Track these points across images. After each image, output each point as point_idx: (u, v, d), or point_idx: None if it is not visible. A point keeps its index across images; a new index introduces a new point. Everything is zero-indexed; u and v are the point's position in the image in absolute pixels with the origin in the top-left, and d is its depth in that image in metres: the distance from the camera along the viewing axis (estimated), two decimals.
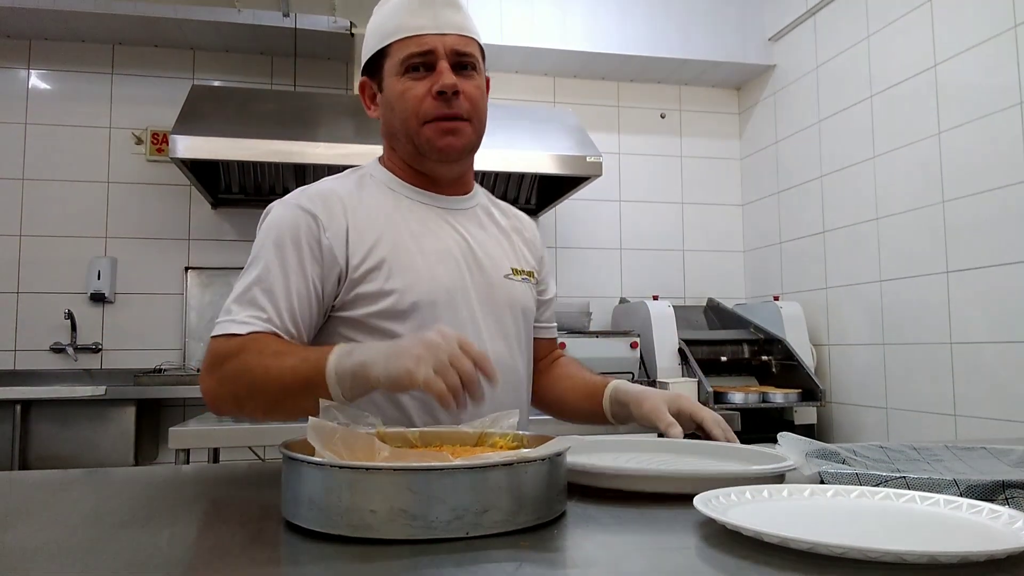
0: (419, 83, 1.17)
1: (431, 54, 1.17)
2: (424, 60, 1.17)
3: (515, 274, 1.30)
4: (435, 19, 1.17)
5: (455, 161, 1.24)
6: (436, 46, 1.16)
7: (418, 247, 1.20)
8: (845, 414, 3.39)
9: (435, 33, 1.17)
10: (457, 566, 0.57)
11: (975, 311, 2.69)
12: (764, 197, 4.02)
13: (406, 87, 1.18)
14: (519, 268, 1.32)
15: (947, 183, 2.81)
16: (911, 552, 0.53)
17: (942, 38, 2.85)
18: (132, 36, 3.53)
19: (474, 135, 1.23)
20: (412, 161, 1.25)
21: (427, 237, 1.22)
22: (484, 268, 1.26)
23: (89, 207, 3.50)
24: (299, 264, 1.14)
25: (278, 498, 0.69)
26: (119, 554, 0.63)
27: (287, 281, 1.13)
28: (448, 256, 1.22)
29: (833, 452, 0.93)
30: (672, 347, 3.37)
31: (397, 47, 1.19)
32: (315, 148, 2.99)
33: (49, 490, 0.94)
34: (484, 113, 1.25)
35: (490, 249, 1.28)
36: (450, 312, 1.19)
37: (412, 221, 1.22)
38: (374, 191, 1.25)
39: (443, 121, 1.18)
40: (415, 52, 1.17)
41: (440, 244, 1.22)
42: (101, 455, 2.87)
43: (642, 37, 3.81)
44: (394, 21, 1.20)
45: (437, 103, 1.17)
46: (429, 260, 1.19)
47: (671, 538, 0.68)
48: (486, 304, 1.24)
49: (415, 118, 1.18)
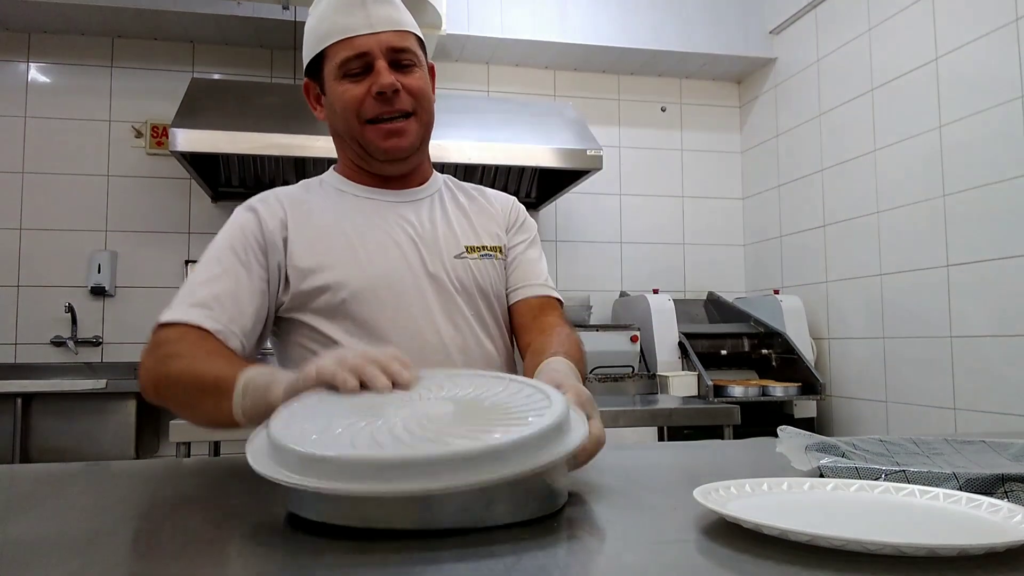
0: (358, 85, 1.16)
1: (367, 55, 1.15)
2: (361, 63, 1.16)
3: (470, 252, 1.26)
4: (367, 18, 1.16)
5: (403, 159, 1.23)
6: (371, 47, 1.15)
7: (359, 242, 1.20)
8: (845, 407, 3.40)
9: (368, 33, 1.15)
10: (457, 560, 0.57)
11: (975, 304, 2.69)
12: (765, 190, 4.01)
13: (345, 89, 1.17)
14: (476, 245, 1.27)
15: (948, 176, 2.81)
16: (910, 545, 0.53)
17: (943, 31, 2.84)
18: (132, 29, 3.52)
19: (421, 129, 1.22)
20: (360, 162, 1.25)
21: (370, 231, 1.21)
22: (432, 251, 1.23)
23: (89, 200, 3.50)
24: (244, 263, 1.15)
25: (279, 491, 0.69)
26: (120, 547, 0.64)
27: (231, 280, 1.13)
28: (391, 245, 1.21)
29: (833, 445, 0.93)
30: (672, 341, 3.37)
31: (333, 50, 1.17)
32: (315, 141, 2.98)
33: (49, 483, 0.94)
34: (429, 104, 1.23)
35: (440, 232, 1.25)
36: (393, 300, 1.18)
37: (356, 217, 1.22)
38: (321, 195, 1.26)
39: (386, 122, 1.18)
40: (350, 56, 1.15)
41: (383, 236, 1.21)
42: (102, 448, 2.87)
43: (642, 30, 3.80)
44: (327, 24, 1.18)
45: (377, 103, 1.16)
46: (369, 253, 1.19)
47: (670, 531, 0.68)
48: (436, 288, 1.21)
49: (357, 119, 1.18)
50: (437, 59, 3.68)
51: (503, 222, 1.34)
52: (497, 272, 1.30)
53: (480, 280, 1.26)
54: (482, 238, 1.28)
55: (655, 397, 3.06)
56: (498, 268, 1.30)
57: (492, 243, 1.29)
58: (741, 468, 1.06)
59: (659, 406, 2.56)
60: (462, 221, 1.29)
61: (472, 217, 1.31)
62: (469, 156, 3.16)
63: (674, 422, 2.53)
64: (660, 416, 2.50)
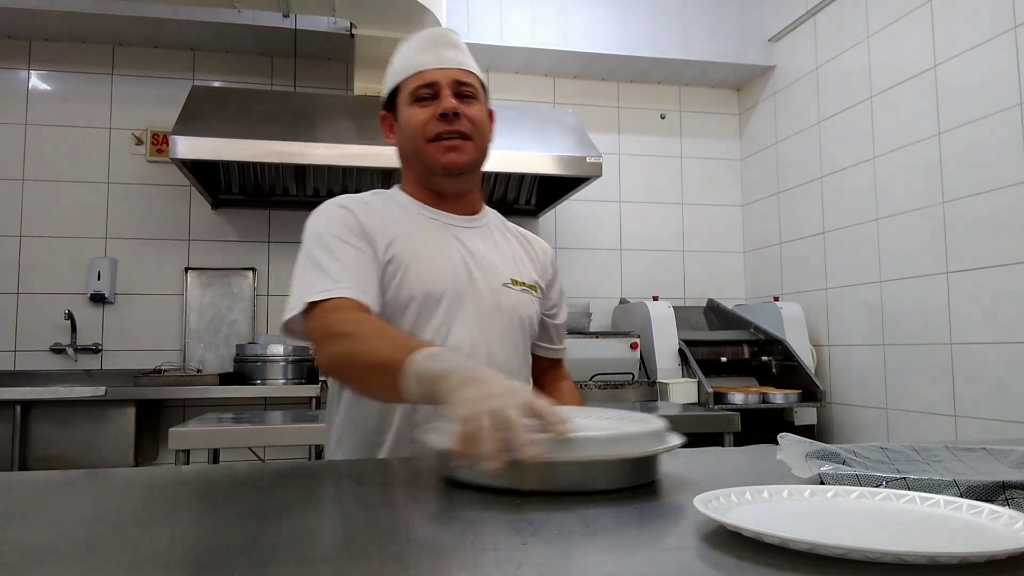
0: (425, 109, 1.34)
1: (435, 85, 1.34)
2: (430, 91, 1.34)
3: (514, 284, 1.39)
4: (439, 58, 1.36)
5: (458, 175, 1.37)
6: (439, 78, 1.34)
7: (425, 251, 1.32)
8: (845, 415, 3.39)
9: (438, 68, 1.35)
10: (459, 567, 0.57)
11: (975, 311, 2.69)
12: (764, 198, 4.02)
13: (414, 113, 1.34)
14: (519, 279, 1.40)
15: (947, 183, 2.81)
16: (911, 553, 0.53)
17: (942, 39, 2.85)
18: (132, 37, 3.53)
19: (476, 152, 1.37)
20: (422, 179, 1.39)
21: (432, 244, 1.34)
22: (484, 273, 1.35)
23: (89, 208, 3.50)
24: (349, 242, 1.27)
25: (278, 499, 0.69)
26: (119, 555, 0.63)
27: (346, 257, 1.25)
28: (449, 261, 1.33)
29: (833, 453, 0.93)
30: (672, 348, 3.37)
31: (407, 82, 1.36)
32: (315, 149, 2.99)
33: (49, 491, 0.94)
34: (485, 135, 1.39)
35: (490, 259, 1.38)
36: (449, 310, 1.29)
37: (420, 230, 1.35)
38: (392, 205, 1.40)
39: (445, 140, 1.33)
40: (421, 84, 1.34)
41: (443, 251, 1.34)
42: (101, 456, 2.87)
43: (642, 38, 3.81)
44: (404, 62, 1.38)
45: (440, 123, 1.32)
46: (433, 262, 1.32)
47: (671, 538, 0.68)
48: (486, 306, 1.33)
49: (422, 137, 1.33)
50: None
51: (541, 270, 1.50)
52: (535, 309, 1.43)
53: (521, 310, 1.39)
54: (523, 275, 1.42)
55: (655, 404, 3.06)
56: (535, 305, 1.44)
57: (531, 282, 1.44)
58: (741, 476, 1.06)
59: (659, 413, 2.55)
60: (507, 255, 1.43)
61: (517, 254, 1.46)
62: None
63: (674, 429, 2.52)
64: None
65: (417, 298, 1.28)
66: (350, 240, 1.27)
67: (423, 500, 0.88)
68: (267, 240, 3.66)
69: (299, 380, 3.27)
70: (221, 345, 3.55)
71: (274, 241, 3.66)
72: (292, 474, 1.08)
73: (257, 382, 3.21)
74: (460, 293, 1.30)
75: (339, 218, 1.30)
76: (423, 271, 1.29)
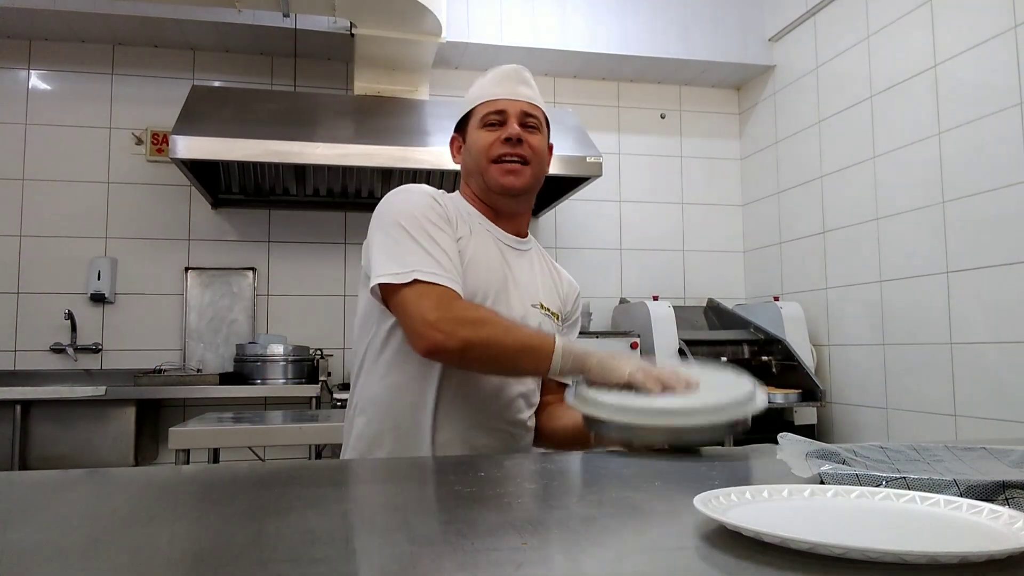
0: (492, 133, 1.47)
1: (504, 112, 1.47)
2: (499, 117, 1.47)
3: (541, 308, 1.50)
4: (511, 91, 1.49)
5: (515, 196, 1.48)
6: (508, 108, 1.47)
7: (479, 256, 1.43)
8: (845, 414, 3.39)
9: (509, 98, 1.48)
10: (459, 568, 0.57)
11: (975, 311, 2.69)
12: (764, 197, 4.02)
13: (482, 135, 1.47)
14: (545, 304, 1.51)
15: (947, 183, 2.81)
16: (911, 552, 0.53)
17: (942, 38, 2.85)
18: (132, 36, 3.53)
19: (532, 178, 1.48)
20: (481, 194, 1.51)
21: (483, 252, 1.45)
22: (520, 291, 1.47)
23: (89, 207, 3.50)
24: (446, 231, 1.38)
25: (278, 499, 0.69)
26: (119, 555, 0.63)
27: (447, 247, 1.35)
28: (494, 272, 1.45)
29: (833, 452, 0.93)
30: (672, 347, 3.37)
31: (480, 108, 1.49)
32: (315, 148, 2.99)
33: (49, 490, 0.94)
34: (544, 164, 1.52)
35: (526, 280, 1.50)
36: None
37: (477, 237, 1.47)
38: (459, 207, 1.50)
39: (507, 162, 1.44)
40: (492, 111, 1.48)
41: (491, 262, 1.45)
42: (101, 455, 2.87)
43: (642, 37, 3.81)
44: (481, 90, 1.51)
45: (504, 146, 1.45)
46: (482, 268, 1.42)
47: (671, 538, 0.68)
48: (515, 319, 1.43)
49: (486, 158, 1.46)
50: (437, 67, 3.69)
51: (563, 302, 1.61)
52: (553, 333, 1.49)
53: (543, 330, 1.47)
54: (550, 302, 1.54)
55: None
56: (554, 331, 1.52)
57: (555, 309, 1.55)
58: (741, 475, 1.06)
59: None
60: (537, 281, 1.54)
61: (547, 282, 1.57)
62: None
63: None
64: None
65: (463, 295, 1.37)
66: (445, 230, 1.37)
67: (423, 500, 0.88)
68: (267, 240, 3.66)
69: (299, 380, 3.27)
70: (221, 345, 3.55)
71: (274, 241, 3.66)
72: (292, 474, 1.08)
73: (257, 382, 3.21)
74: (496, 301, 1.41)
75: (431, 206, 1.39)
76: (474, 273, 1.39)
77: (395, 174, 3.41)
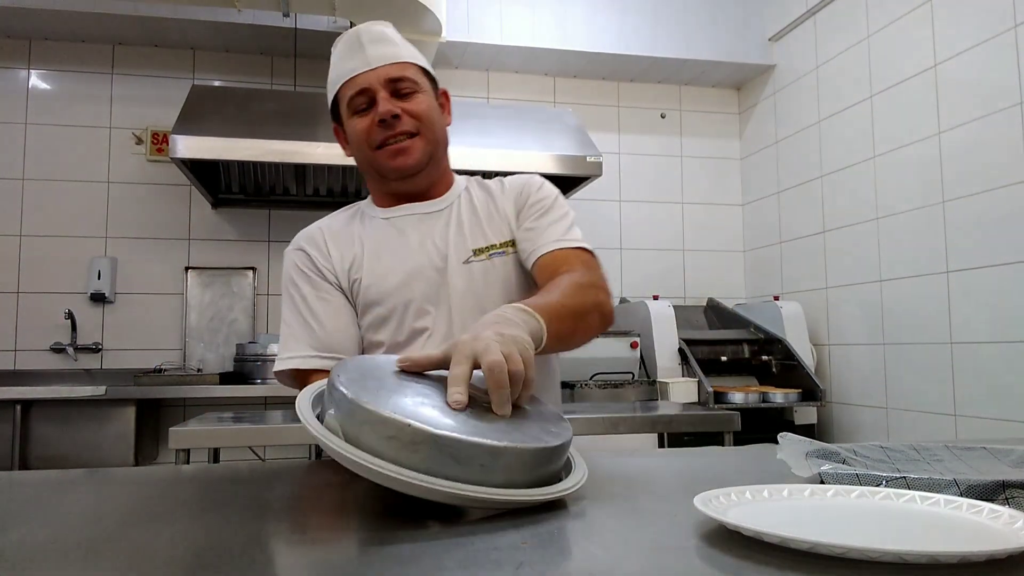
0: (364, 117, 1.30)
1: (368, 90, 1.29)
2: (365, 98, 1.29)
3: (477, 254, 1.31)
4: (366, 58, 1.30)
5: (413, 175, 1.33)
6: (371, 82, 1.28)
7: (389, 261, 1.32)
8: (845, 414, 3.39)
9: (368, 70, 1.29)
10: (459, 567, 0.57)
11: (975, 311, 2.69)
12: (764, 197, 4.02)
13: (355, 124, 1.31)
14: (483, 246, 1.32)
15: (947, 183, 2.81)
16: (911, 552, 0.53)
17: (942, 38, 2.85)
18: (132, 36, 3.53)
19: (427, 147, 1.31)
20: (381, 185, 1.38)
21: (397, 252, 1.32)
22: (446, 259, 1.31)
23: (89, 207, 3.50)
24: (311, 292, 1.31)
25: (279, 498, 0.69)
26: (119, 554, 0.63)
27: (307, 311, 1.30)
28: (412, 261, 1.31)
29: (833, 452, 0.93)
30: (672, 347, 3.37)
31: (342, 92, 1.32)
32: (315, 148, 2.99)
33: (49, 490, 0.94)
34: (436, 125, 1.33)
35: (451, 240, 1.32)
36: (419, 315, 1.29)
37: (384, 239, 1.34)
38: (356, 221, 1.40)
39: (391, 145, 1.29)
40: (355, 93, 1.30)
41: (408, 254, 1.32)
42: (101, 455, 2.87)
43: (642, 37, 3.81)
44: (335, 71, 1.34)
45: (381, 129, 1.28)
46: (398, 269, 1.31)
47: (671, 538, 0.67)
48: (453, 295, 1.29)
49: (368, 147, 1.31)
50: (438, 66, 3.68)
51: (512, 211, 1.37)
52: (510, 267, 1.33)
53: (488, 280, 1.30)
54: (489, 237, 1.33)
55: (655, 403, 3.06)
56: (510, 263, 1.33)
57: (501, 239, 1.34)
58: (741, 475, 1.06)
59: (659, 412, 2.56)
60: (472, 225, 1.35)
61: (483, 218, 1.36)
62: (469, 163, 3.16)
63: (674, 429, 2.52)
64: (660, 423, 2.50)
65: (397, 308, 1.29)
66: (317, 285, 1.31)
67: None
68: (267, 239, 3.66)
69: None
70: (221, 344, 3.55)
71: (274, 240, 3.66)
72: (292, 474, 1.08)
73: (257, 381, 3.21)
74: (433, 291, 1.28)
75: (297, 266, 1.34)
76: (383, 287, 1.29)
77: None
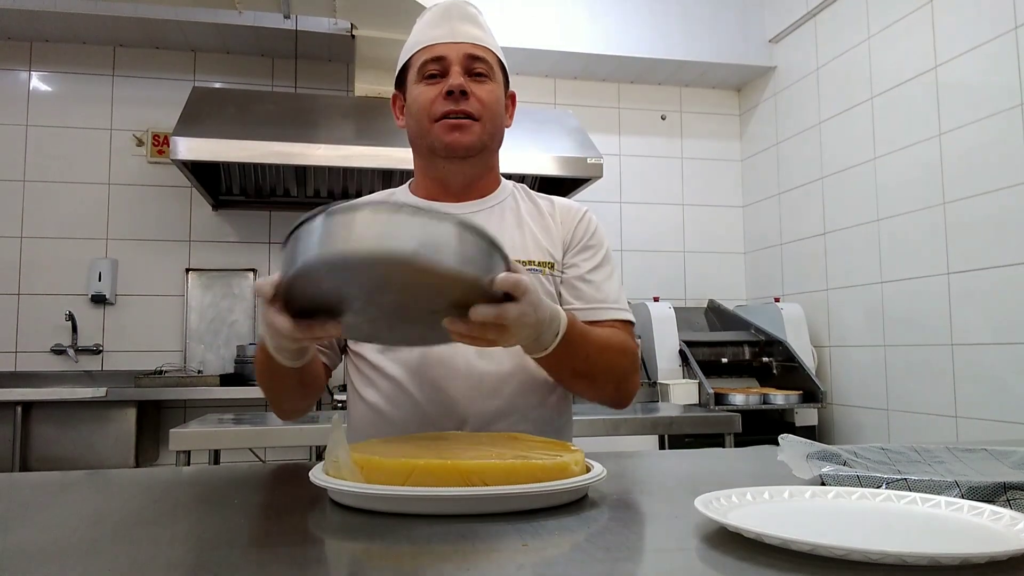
0: (433, 86, 1.23)
1: (444, 60, 1.23)
2: (439, 67, 1.23)
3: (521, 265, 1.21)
4: (451, 31, 1.25)
5: (463, 158, 1.25)
6: (449, 53, 1.23)
7: None
8: (846, 415, 3.39)
9: (449, 41, 1.24)
10: (460, 568, 0.57)
11: (976, 312, 2.69)
12: (765, 198, 4.01)
13: (421, 91, 1.24)
14: (523, 260, 1.24)
15: (948, 184, 2.81)
16: (912, 554, 0.53)
17: (943, 39, 2.85)
18: (133, 38, 3.53)
19: (483, 134, 1.25)
20: (428, 167, 1.29)
21: None
22: None
23: (90, 209, 3.51)
24: None
25: (279, 499, 0.69)
26: (119, 556, 0.63)
27: None
28: None
29: (834, 454, 0.93)
30: (673, 348, 3.37)
31: (416, 57, 1.26)
32: (316, 150, 2.99)
33: (49, 491, 0.94)
34: (498, 117, 1.29)
35: None
36: None
37: None
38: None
39: (452, 119, 1.21)
40: (429, 59, 1.24)
41: None
42: (102, 457, 2.87)
43: (643, 39, 3.81)
44: (415, 36, 1.28)
45: (446, 101, 1.22)
46: None
47: (671, 539, 0.67)
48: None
49: (427, 117, 1.23)
50: None
51: (560, 238, 1.31)
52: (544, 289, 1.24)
53: None
54: (530, 252, 1.27)
55: (656, 405, 3.05)
56: (545, 285, 1.25)
57: (541, 259, 1.27)
58: (742, 477, 1.06)
59: (660, 414, 2.56)
60: (515, 234, 1.28)
61: (528, 230, 1.29)
62: None
63: (675, 430, 2.52)
64: (661, 424, 2.50)
65: None
66: None
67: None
68: (268, 241, 3.66)
69: None
70: (222, 346, 3.55)
71: (275, 242, 3.66)
72: (292, 474, 1.08)
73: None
74: None
75: None
76: None
77: (396, 175, 3.41)
